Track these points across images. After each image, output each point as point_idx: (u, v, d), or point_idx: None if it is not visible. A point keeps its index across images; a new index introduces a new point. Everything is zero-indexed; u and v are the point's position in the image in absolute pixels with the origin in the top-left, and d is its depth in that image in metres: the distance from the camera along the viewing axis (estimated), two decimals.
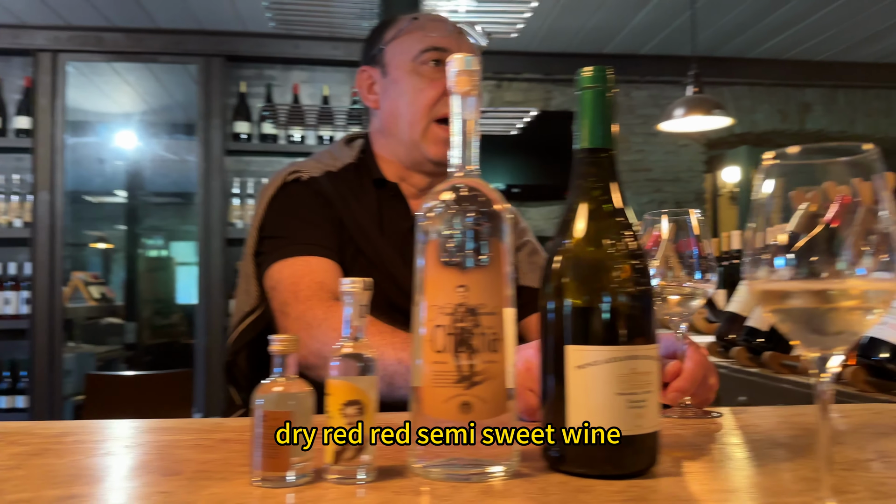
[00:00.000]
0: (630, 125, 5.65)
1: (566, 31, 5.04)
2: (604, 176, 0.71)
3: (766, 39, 5.28)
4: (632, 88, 5.65)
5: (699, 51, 5.34)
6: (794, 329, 0.52)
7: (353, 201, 1.32)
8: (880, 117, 5.99)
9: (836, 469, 0.69)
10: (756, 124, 5.83)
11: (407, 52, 1.34)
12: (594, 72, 0.71)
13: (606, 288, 0.67)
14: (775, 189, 0.53)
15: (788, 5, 4.66)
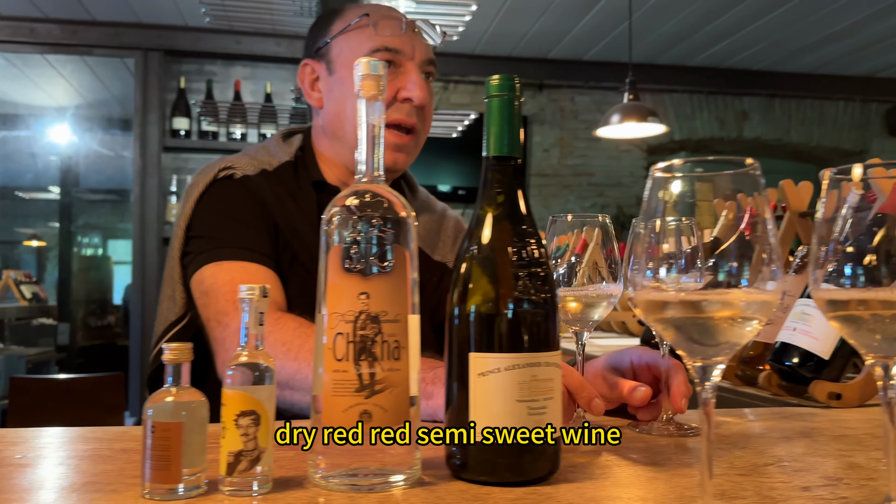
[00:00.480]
0: (574, 130, 5.73)
1: (510, 35, 5.08)
2: (510, 184, 0.71)
3: (705, 48, 5.42)
4: (575, 93, 5.73)
5: (641, 58, 5.46)
6: (676, 339, 0.53)
7: (291, 203, 1.23)
8: (814, 126, 6.21)
9: (731, 474, 0.71)
10: (695, 131, 5.97)
11: (356, 50, 1.23)
12: (501, 80, 0.71)
13: (508, 295, 0.67)
14: (659, 199, 0.53)
15: (726, 16, 4.79)
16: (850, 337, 0.55)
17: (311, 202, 1.24)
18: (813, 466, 0.75)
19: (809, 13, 4.76)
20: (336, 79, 1.26)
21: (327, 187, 1.28)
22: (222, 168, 1.25)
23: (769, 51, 5.49)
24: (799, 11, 4.72)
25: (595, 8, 4.62)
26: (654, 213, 0.54)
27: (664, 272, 0.53)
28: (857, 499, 0.63)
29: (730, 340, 0.52)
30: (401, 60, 1.23)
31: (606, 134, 3.80)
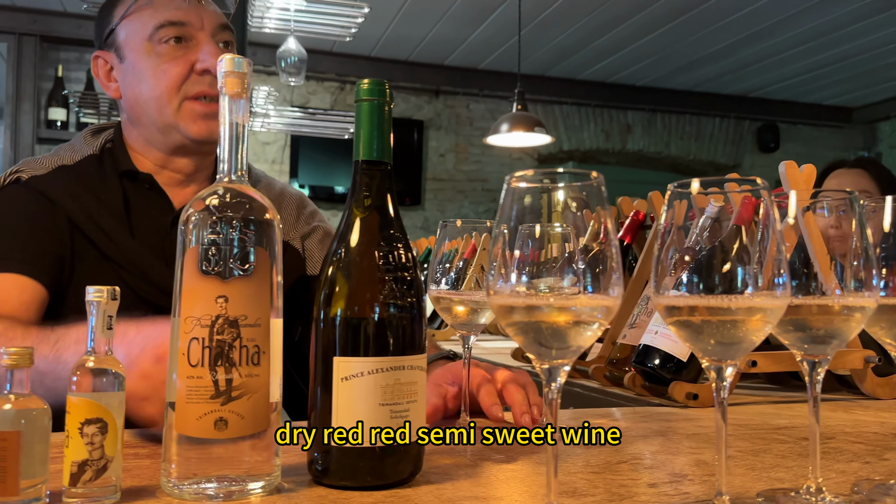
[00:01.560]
0: (469, 136, 5.82)
1: (407, 39, 5.10)
2: (380, 188, 0.72)
3: (593, 63, 5.64)
4: (471, 101, 5.83)
5: (533, 70, 5.62)
6: (525, 342, 0.55)
7: (91, 198, 1.18)
8: (692, 141, 6.58)
9: (585, 472, 0.74)
10: (583, 142, 6.20)
11: (140, 31, 1.20)
12: (371, 85, 0.71)
13: (374, 299, 0.67)
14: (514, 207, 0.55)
15: (611, 33, 5.00)
16: (687, 341, 0.59)
17: (115, 194, 1.21)
18: (663, 464, 0.79)
19: (689, 34, 5.05)
20: (128, 65, 1.23)
21: (140, 176, 1.23)
22: (11, 172, 1.22)
23: (652, 68, 5.78)
24: (679, 32, 5.00)
25: (488, 19, 4.71)
26: (508, 220, 0.56)
27: (515, 278, 0.55)
28: (698, 494, 0.67)
29: (574, 344, 0.54)
30: (191, 33, 1.21)
31: (496, 142, 3.89)
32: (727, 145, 6.67)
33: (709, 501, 0.61)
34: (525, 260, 0.55)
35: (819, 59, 5.58)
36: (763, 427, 1.00)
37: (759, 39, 5.17)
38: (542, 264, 0.55)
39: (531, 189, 0.56)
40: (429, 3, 4.48)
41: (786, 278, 0.56)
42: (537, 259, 0.56)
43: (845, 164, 2.36)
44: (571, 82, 5.97)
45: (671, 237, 0.59)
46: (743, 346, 0.57)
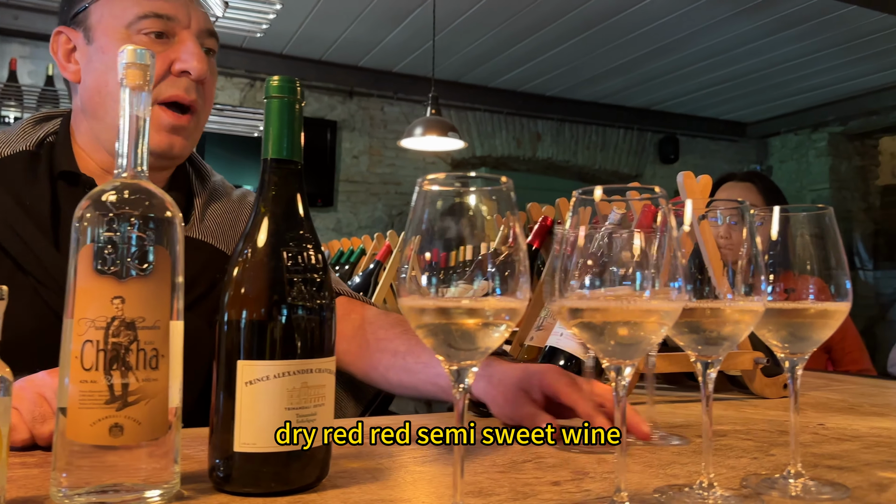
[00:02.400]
0: (383, 139, 5.81)
1: (321, 38, 5.04)
2: (289, 187, 0.70)
3: (505, 72, 5.75)
4: (385, 103, 5.82)
5: (448, 76, 5.67)
6: (434, 344, 0.55)
7: (10, 201, 1.05)
8: (597, 150, 6.80)
9: (492, 471, 0.75)
10: (495, 148, 6.30)
11: (119, 17, 1.08)
12: (282, 82, 0.70)
13: (280, 301, 0.66)
14: (426, 210, 0.56)
15: (523, 43, 5.11)
16: (588, 342, 0.61)
17: (43, 198, 1.07)
18: (567, 462, 0.81)
19: (596, 48, 5.23)
20: (96, 48, 1.10)
21: (81, 179, 1.10)
22: None
23: (561, 79, 5.94)
24: (587, 45, 5.16)
25: (403, 23, 4.72)
26: (419, 223, 0.56)
27: (426, 280, 0.55)
28: (599, 491, 0.69)
29: (483, 345, 0.55)
30: (174, 29, 1.10)
31: (410, 145, 3.90)
32: (630, 156, 6.93)
33: (608, 498, 0.63)
34: (435, 262, 0.56)
35: (717, 75, 5.89)
36: (660, 425, 1.04)
37: (662, 55, 5.41)
38: (452, 267, 0.56)
39: (443, 192, 0.57)
40: (343, 4, 4.45)
41: (681, 283, 0.59)
42: (447, 262, 0.56)
43: (735, 177, 2.51)
44: (485, 89, 6.06)
45: (574, 242, 0.61)
46: (641, 346, 0.59)
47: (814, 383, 1.57)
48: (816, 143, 7.07)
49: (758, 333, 0.72)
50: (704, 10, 4.62)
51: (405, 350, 1.11)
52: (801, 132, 7.16)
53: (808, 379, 1.64)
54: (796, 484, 0.70)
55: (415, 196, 0.57)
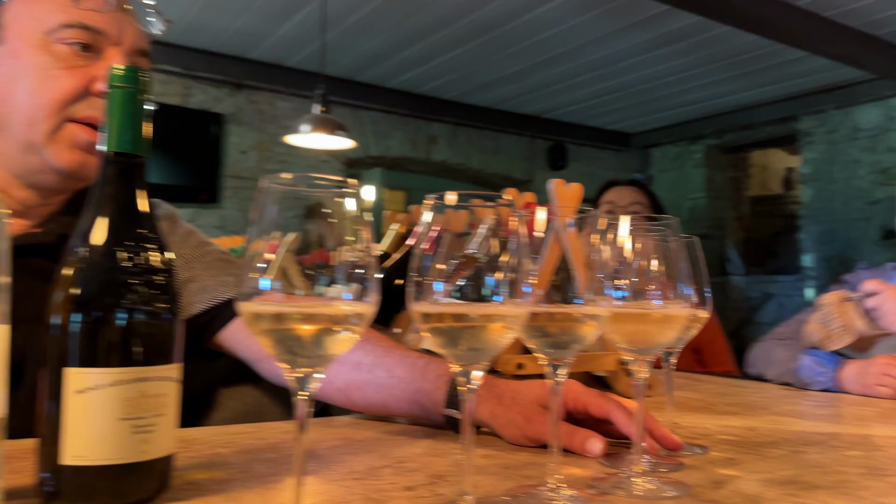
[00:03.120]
0: (273, 135, 5.67)
1: (209, 28, 4.87)
2: (130, 183, 0.66)
3: (401, 73, 5.75)
4: (276, 98, 5.68)
5: (344, 73, 5.60)
6: (276, 352, 0.53)
7: None
8: (490, 155, 6.92)
9: (347, 479, 0.73)
10: (390, 149, 6.29)
11: (40, 20, 0.98)
12: (125, 71, 0.66)
13: (115, 304, 0.62)
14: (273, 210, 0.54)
15: (419, 45, 5.13)
16: (440, 347, 0.60)
17: None
18: (424, 466, 0.81)
19: (490, 54, 5.31)
20: (7, 50, 1.00)
21: None
22: None
23: (456, 83, 6.01)
24: (481, 51, 5.24)
25: (295, 17, 4.63)
26: (261, 223, 0.54)
27: (269, 283, 0.53)
28: (451, 495, 0.69)
29: (329, 351, 0.54)
30: (102, 44, 1.01)
31: (296, 142, 3.82)
32: (522, 161, 7.10)
33: (453, 501, 0.63)
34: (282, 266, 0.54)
35: (604, 87, 6.12)
36: None
37: (553, 65, 5.57)
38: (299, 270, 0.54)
39: (290, 193, 0.55)
40: None
41: (530, 288, 0.60)
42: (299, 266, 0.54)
43: (620, 182, 2.67)
44: (380, 89, 6.03)
45: (428, 247, 0.60)
46: (489, 351, 0.60)
47: (676, 383, 1.65)
48: (694, 154, 7.49)
49: (606, 337, 0.75)
50: (593, 23, 4.79)
51: (371, 363, 1.00)
52: (681, 144, 7.56)
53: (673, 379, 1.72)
54: (640, 483, 0.72)
55: (260, 195, 0.55)
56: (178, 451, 0.68)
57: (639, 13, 4.62)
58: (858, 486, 0.77)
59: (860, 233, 6.17)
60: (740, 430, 1.10)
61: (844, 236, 6.30)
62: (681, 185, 7.58)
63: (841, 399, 1.52)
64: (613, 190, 2.66)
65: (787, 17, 4.43)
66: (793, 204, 7.61)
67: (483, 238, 0.63)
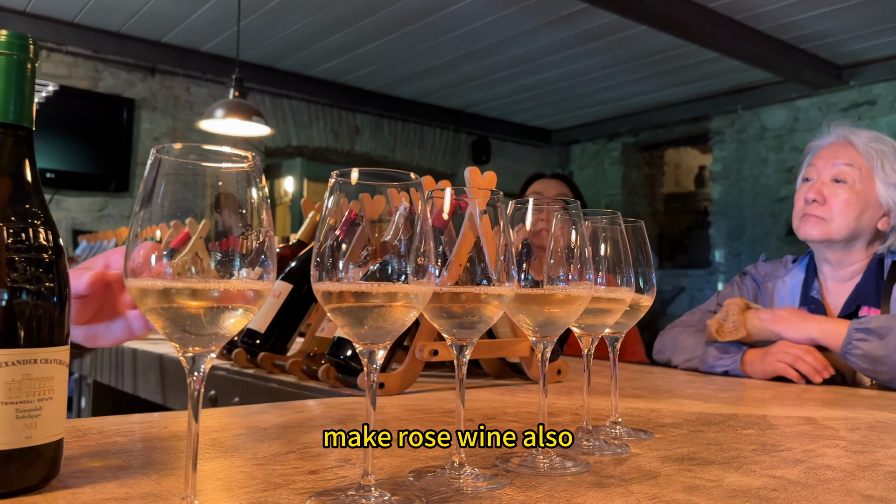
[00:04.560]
0: (188, 121, 5.49)
1: (120, 10, 4.66)
2: (14, 155, 0.63)
3: (323, 61, 5.66)
4: (192, 84, 5.50)
5: (261, 60, 5.47)
6: (166, 328, 0.51)
7: None
8: (415, 148, 6.91)
9: (249, 465, 0.72)
10: (312, 139, 6.19)
11: None
12: (10, 37, 0.62)
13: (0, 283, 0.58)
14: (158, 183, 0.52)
15: (340, 33, 5.06)
16: (344, 327, 0.60)
17: None
18: (332, 452, 0.80)
19: (414, 45, 5.30)
20: None
21: None
22: None
23: (380, 74, 5.96)
24: (404, 42, 5.22)
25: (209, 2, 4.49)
26: (150, 196, 0.52)
27: (155, 259, 0.51)
28: (354, 477, 0.69)
29: (221, 330, 0.52)
30: None
31: (210, 128, 3.72)
32: (446, 155, 7.12)
33: (356, 483, 0.62)
34: (172, 241, 0.52)
35: (526, 83, 6.21)
36: (436, 411, 1.06)
37: (476, 59, 5.60)
38: (189, 247, 0.52)
39: (184, 166, 0.53)
40: None
41: (433, 269, 0.60)
42: (185, 241, 0.53)
43: (544, 176, 2.79)
44: (301, 77, 5.93)
45: (328, 229, 0.60)
46: (392, 330, 0.59)
47: (596, 370, 1.69)
48: (611, 151, 7.70)
49: (514, 319, 0.76)
50: (516, 17, 4.84)
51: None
52: (598, 141, 7.76)
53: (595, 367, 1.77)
54: (544, 460, 0.74)
55: (149, 164, 0.52)
56: (68, 438, 0.65)
57: (558, 10, 4.71)
58: (751, 460, 0.81)
59: (767, 229, 6.49)
60: (644, 411, 1.14)
61: (752, 232, 6.62)
62: (599, 182, 7.78)
63: (743, 383, 1.60)
64: (539, 182, 2.75)
65: (701, 18, 4.61)
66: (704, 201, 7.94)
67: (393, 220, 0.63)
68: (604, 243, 0.84)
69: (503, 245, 0.69)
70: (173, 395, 1.72)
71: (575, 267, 0.75)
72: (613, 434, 0.92)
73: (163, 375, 1.79)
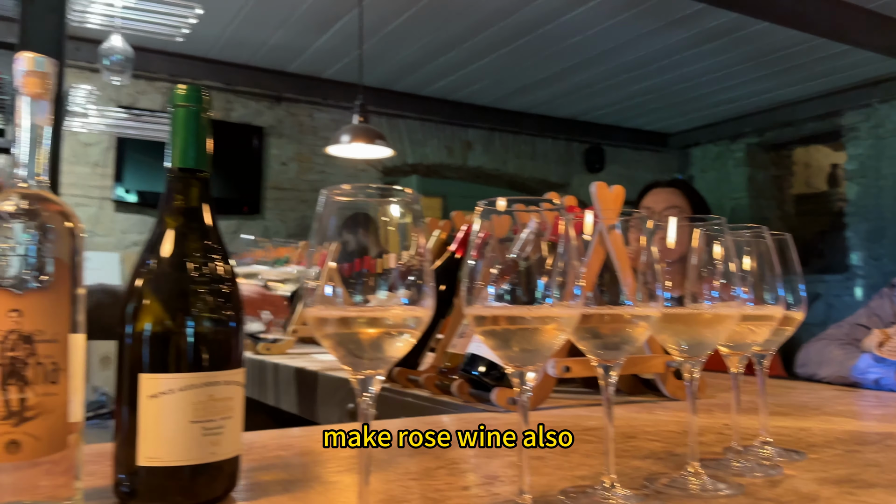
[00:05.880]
0: (312, 146, 5.75)
1: (248, 43, 4.97)
2: (195, 197, 0.70)
3: (436, 80, 5.79)
4: (314, 110, 5.77)
5: (378, 83, 5.67)
6: (340, 354, 0.56)
7: None
8: (527, 159, 6.91)
9: (405, 479, 0.76)
10: (426, 156, 6.33)
11: None
12: (188, 90, 0.69)
13: (185, 313, 0.65)
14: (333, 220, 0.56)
15: (452, 52, 5.16)
16: (494, 349, 0.62)
17: None
18: (479, 467, 0.83)
19: (524, 59, 5.32)
20: None
21: None
22: None
23: (491, 89, 6.02)
24: (515, 56, 5.25)
25: (332, 29, 4.70)
26: (325, 233, 0.56)
27: (331, 290, 0.56)
28: (507, 494, 0.71)
29: (387, 354, 0.56)
30: None
31: (336, 152, 3.88)
32: (558, 165, 7.07)
33: (511, 500, 0.64)
34: (342, 272, 0.56)
35: (640, 87, 6.08)
36: (574, 428, 1.07)
37: (588, 67, 5.55)
38: (358, 276, 0.56)
39: (350, 203, 0.57)
40: (270, 8, 4.39)
41: (580, 290, 0.61)
42: (354, 271, 0.57)
43: (661, 183, 2.59)
44: (416, 97, 6.08)
45: (480, 251, 0.62)
46: (542, 352, 0.61)
47: (725, 385, 1.63)
48: (735, 153, 7.38)
49: (657, 338, 0.75)
50: (629, 23, 4.77)
51: None
52: (721, 143, 7.46)
53: (720, 381, 1.71)
54: (695, 482, 0.73)
55: (321, 205, 0.57)
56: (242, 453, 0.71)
57: (675, 12, 4.59)
58: None
59: None
60: (792, 430, 1.09)
61: (894, 233, 6.14)
62: (722, 185, 7.47)
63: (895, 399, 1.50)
64: (650, 195, 2.57)
65: (829, 11, 4.36)
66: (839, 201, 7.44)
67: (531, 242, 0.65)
68: (749, 258, 0.83)
69: (646, 263, 0.69)
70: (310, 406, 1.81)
71: (720, 283, 0.74)
72: (764, 454, 0.89)
73: (300, 388, 1.89)
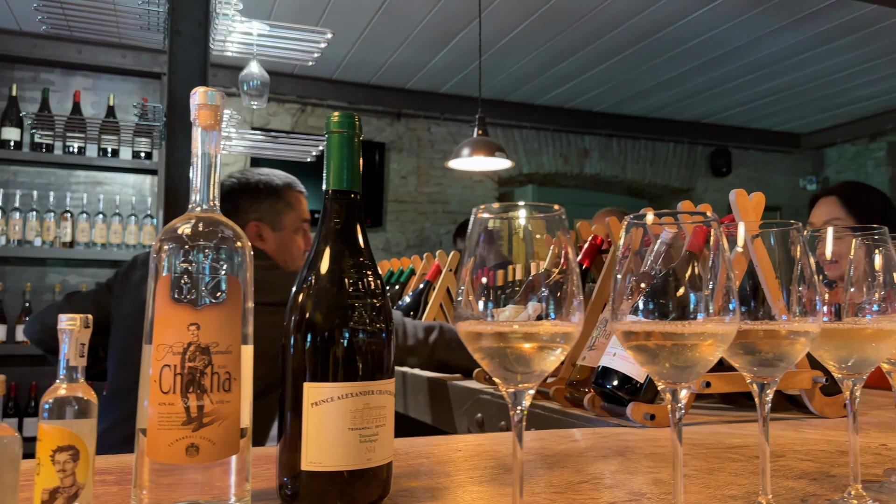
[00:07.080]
0: (430, 159, 5.87)
1: (370, 63, 5.14)
2: (349, 217, 0.74)
3: (551, 89, 5.76)
4: (432, 124, 5.88)
5: (493, 95, 5.71)
6: (491, 367, 0.57)
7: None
8: (647, 165, 6.73)
9: (549, 492, 0.76)
10: (542, 165, 6.30)
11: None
12: (342, 117, 0.74)
13: (343, 325, 0.69)
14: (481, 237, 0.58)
15: (569, 60, 5.12)
16: (643, 364, 0.62)
17: None
18: (622, 483, 0.82)
19: (643, 63, 5.20)
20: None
21: None
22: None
23: (608, 95, 5.92)
24: (634, 60, 5.14)
25: (450, 44, 4.78)
26: (474, 249, 0.58)
27: (483, 305, 0.57)
28: None
29: (538, 368, 0.57)
30: None
31: (457, 166, 3.94)
32: (681, 169, 6.84)
33: None
34: (492, 287, 0.58)
35: (768, 87, 5.79)
36: (717, 446, 1.04)
37: (710, 69, 5.35)
38: (507, 291, 0.58)
39: (496, 220, 0.59)
40: (391, 29, 4.53)
41: (735, 304, 0.60)
42: (503, 286, 0.58)
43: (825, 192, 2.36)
44: (530, 107, 6.08)
45: (627, 264, 0.62)
46: (696, 369, 0.60)
47: (877, 402, 1.53)
48: (875, 152, 6.87)
49: (814, 354, 0.72)
50: (752, 23, 4.56)
51: None
52: (859, 142, 6.97)
53: (871, 397, 1.60)
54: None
55: (471, 223, 0.59)
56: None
57: (804, 8, 4.35)
58: None
59: None
60: None
61: None
62: None
63: None
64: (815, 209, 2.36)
65: None
66: None
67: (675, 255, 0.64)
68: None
69: (807, 276, 0.66)
70: (439, 415, 1.85)
71: (882, 296, 0.70)
72: None
73: (430, 397, 1.93)
